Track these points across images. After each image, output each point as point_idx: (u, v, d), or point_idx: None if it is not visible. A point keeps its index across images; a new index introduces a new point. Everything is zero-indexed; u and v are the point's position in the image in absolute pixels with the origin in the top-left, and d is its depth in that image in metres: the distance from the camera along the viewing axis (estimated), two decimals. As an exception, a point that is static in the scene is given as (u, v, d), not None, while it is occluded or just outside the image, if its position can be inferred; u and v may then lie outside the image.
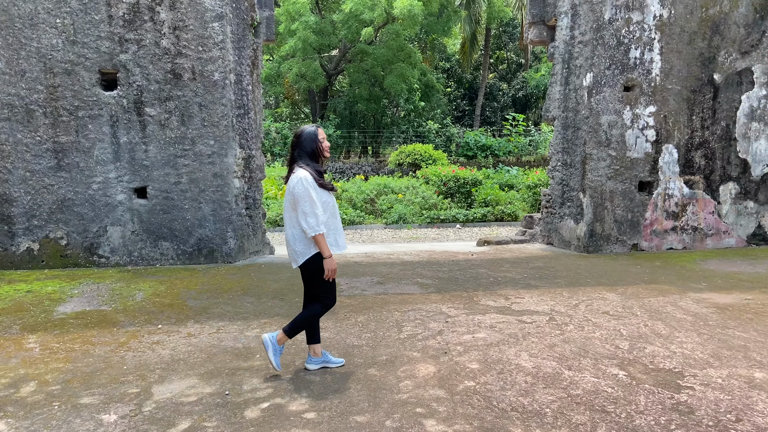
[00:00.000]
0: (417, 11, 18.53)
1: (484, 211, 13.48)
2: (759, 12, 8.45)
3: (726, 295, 6.08)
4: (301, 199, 3.68)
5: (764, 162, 8.77)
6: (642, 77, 8.34)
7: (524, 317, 5.36)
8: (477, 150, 22.11)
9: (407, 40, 22.38)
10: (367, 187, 13.95)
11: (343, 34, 20.93)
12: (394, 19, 19.94)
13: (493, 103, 32.06)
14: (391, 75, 20.72)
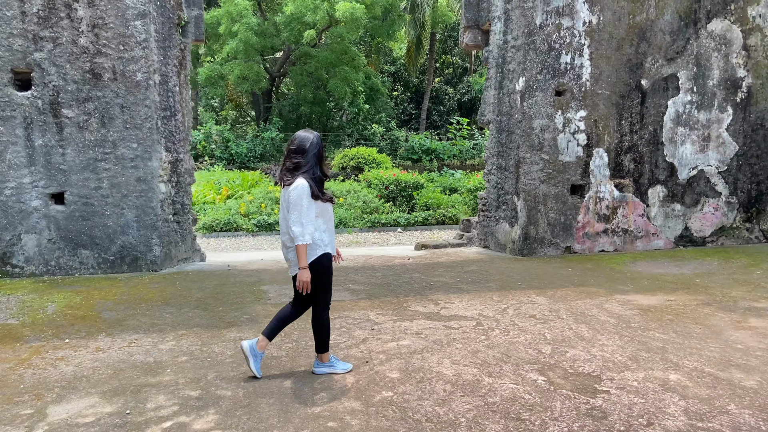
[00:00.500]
0: (359, 14, 18.45)
1: (426, 214, 13.48)
2: (683, 20, 8.73)
3: (650, 297, 6.20)
4: (294, 205, 3.73)
5: (690, 166, 9.06)
6: (573, 82, 8.47)
7: (452, 323, 5.30)
8: (422, 153, 22.19)
9: (351, 44, 22.27)
10: (307, 191, 13.71)
11: (285, 37, 20.64)
12: (337, 22, 19.81)
13: (440, 107, 32.33)
14: (335, 78, 20.56)
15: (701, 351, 4.49)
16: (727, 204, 9.24)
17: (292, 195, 3.74)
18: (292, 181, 3.79)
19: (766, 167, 9.32)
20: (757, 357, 4.36)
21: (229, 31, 20.52)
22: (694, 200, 9.12)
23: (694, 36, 8.79)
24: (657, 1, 8.59)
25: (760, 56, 9.08)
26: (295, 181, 3.79)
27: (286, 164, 3.88)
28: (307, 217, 3.76)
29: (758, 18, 9.00)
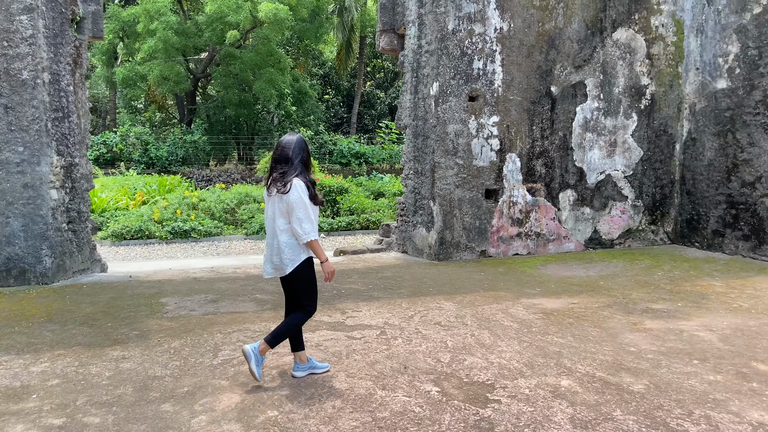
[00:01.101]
0: (283, 15, 18.12)
1: (350, 219, 13.33)
2: (590, 28, 8.99)
3: (555, 300, 6.28)
4: (296, 205, 3.71)
5: (598, 170, 9.33)
6: (486, 88, 8.54)
7: (355, 333, 5.15)
8: (351, 157, 22.06)
9: (278, 45, 21.87)
10: (227, 196, 13.28)
11: (207, 37, 20.00)
12: (261, 23, 19.38)
13: (371, 110, 32.33)
14: (261, 80, 20.10)
15: (595, 355, 4.54)
16: (634, 207, 9.59)
17: (293, 196, 3.72)
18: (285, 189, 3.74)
19: (668, 172, 9.74)
20: (648, 360, 4.44)
21: (148, 29, 19.68)
22: (602, 204, 9.40)
23: (600, 44, 9.07)
24: (565, 10, 8.81)
25: (662, 65, 9.47)
26: (289, 184, 3.75)
27: (273, 174, 3.86)
28: (313, 214, 3.80)
29: (661, 27, 9.39)
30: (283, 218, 3.83)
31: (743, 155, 8.56)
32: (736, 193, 8.70)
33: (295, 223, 3.75)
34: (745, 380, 4.00)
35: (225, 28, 19.09)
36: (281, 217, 3.83)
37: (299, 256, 3.87)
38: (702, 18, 9.21)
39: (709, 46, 9.10)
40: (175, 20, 19.70)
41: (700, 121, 9.30)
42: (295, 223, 3.75)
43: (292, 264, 3.86)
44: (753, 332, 5.07)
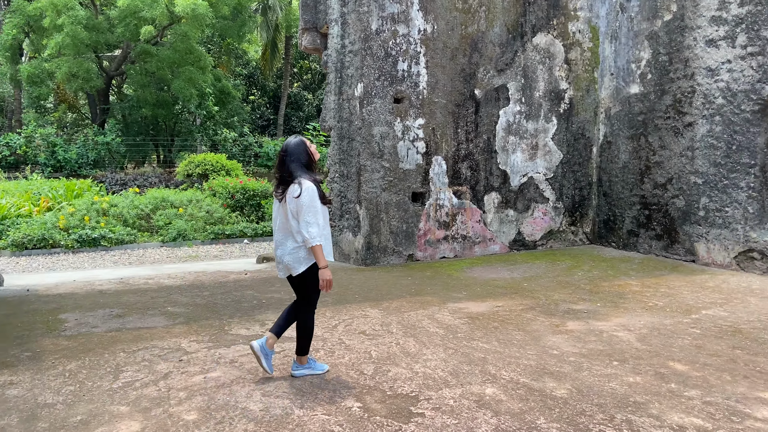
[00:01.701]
0: (202, 11, 17.41)
1: (275, 224, 12.92)
2: (511, 33, 9.09)
3: (480, 304, 6.23)
4: (306, 208, 3.79)
5: (521, 173, 9.45)
6: (410, 90, 8.45)
7: (274, 346, 4.85)
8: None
9: (198, 43, 21.02)
10: (141, 201, 12.54)
11: (120, 32, 18.93)
12: (179, 19, 18.56)
13: (299, 112, 31.82)
14: (180, 79, 19.23)
15: (519, 360, 4.48)
16: (555, 209, 9.79)
17: (305, 199, 3.79)
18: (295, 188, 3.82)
19: (587, 174, 10.02)
20: (570, 363, 4.42)
21: (55, 24, 18.39)
22: (525, 206, 9.54)
23: (521, 49, 9.20)
24: (487, 14, 8.87)
25: (580, 70, 9.73)
26: (300, 183, 3.83)
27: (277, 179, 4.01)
28: (322, 219, 3.90)
29: (578, 33, 9.64)
30: (295, 220, 3.89)
31: (655, 158, 8.90)
32: (649, 194, 9.04)
33: (302, 226, 3.84)
34: (663, 381, 4.05)
35: (139, 23, 18.12)
36: (294, 219, 3.90)
37: (304, 262, 3.95)
38: (616, 24, 9.53)
39: (622, 52, 9.42)
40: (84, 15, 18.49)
41: (615, 125, 9.62)
42: (302, 227, 3.84)
43: (307, 263, 3.94)
44: (669, 331, 5.19)
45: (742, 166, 7.72)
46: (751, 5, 7.50)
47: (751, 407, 3.60)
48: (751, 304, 6.07)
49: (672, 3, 8.54)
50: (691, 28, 8.27)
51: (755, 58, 7.48)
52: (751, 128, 7.61)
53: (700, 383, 4.00)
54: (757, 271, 7.53)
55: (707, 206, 8.12)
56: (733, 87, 7.75)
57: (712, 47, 7.99)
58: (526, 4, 9.15)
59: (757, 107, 7.52)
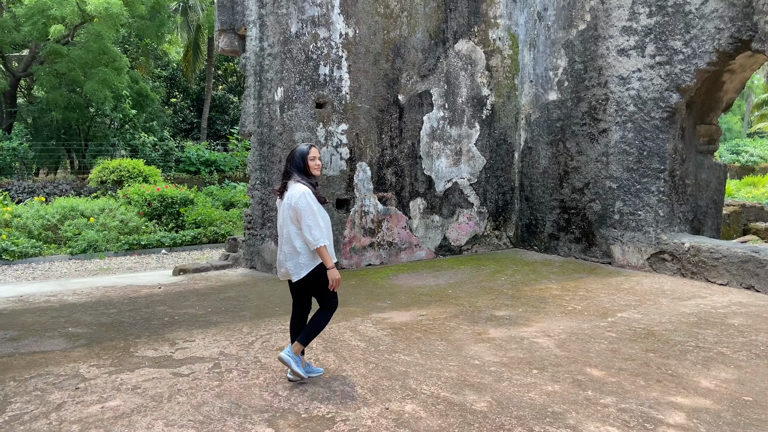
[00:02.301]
0: (116, 10, 16.50)
1: (196, 233, 12.36)
2: (433, 39, 9.09)
3: (405, 313, 6.12)
4: (305, 213, 3.87)
5: (446, 178, 9.47)
6: (333, 95, 8.27)
7: (183, 368, 4.54)
8: (200, 165, 20.77)
9: (113, 43, 19.95)
10: (48, 210, 11.67)
11: (27, 31, 17.65)
12: (91, 18, 17.52)
13: (224, 115, 30.88)
14: (93, 81, 18.14)
15: (441, 372, 4.39)
16: (479, 214, 9.87)
17: (301, 203, 3.88)
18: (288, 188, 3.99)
19: (509, 179, 10.17)
20: (490, 373, 4.37)
21: (-49, 19, 16.91)
22: (450, 211, 9.56)
23: (443, 55, 9.22)
24: (409, 19, 8.82)
25: (501, 76, 9.87)
26: (292, 187, 3.97)
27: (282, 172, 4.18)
28: (321, 219, 3.94)
29: (498, 41, 9.78)
30: (294, 224, 3.98)
31: (573, 163, 9.15)
32: (568, 198, 9.27)
33: (305, 230, 3.90)
34: (580, 388, 4.05)
35: (48, 21, 16.94)
36: (292, 224, 3.98)
37: (314, 260, 4.00)
38: (534, 33, 9.74)
39: (541, 60, 9.64)
40: (-14, 10, 17.12)
41: (535, 131, 9.82)
42: (305, 231, 3.90)
43: (306, 269, 3.99)
44: (586, 335, 5.26)
45: (652, 171, 8.03)
46: (659, 16, 7.82)
47: (663, 413, 3.65)
48: (663, 305, 6.28)
49: (586, 13, 8.80)
50: (603, 38, 8.55)
51: (663, 68, 7.81)
52: (660, 135, 7.93)
53: (615, 389, 4.03)
54: (668, 272, 7.85)
55: (621, 210, 8.41)
56: (644, 95, 8.06)
57: (623, 56, 8.29)
58: (448, 10, 9.18)
59: (666, 114, 7.85)
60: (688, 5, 7.46)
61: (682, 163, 8.16)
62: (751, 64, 7.90)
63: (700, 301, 6.42)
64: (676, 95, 7.71)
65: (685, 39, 7.53)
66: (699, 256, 7.42)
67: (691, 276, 7.55)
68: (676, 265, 7.75)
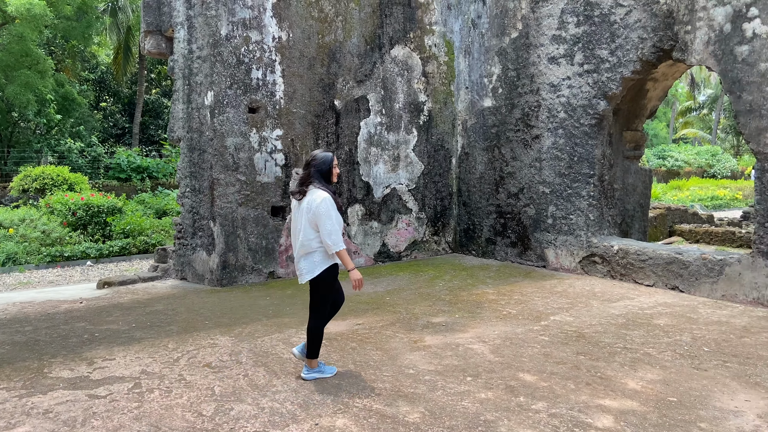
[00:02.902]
0: (39, 11, 15.64)
1: (124, 243, 11.81)
2: (369, 44, 9.04)
3: (341, 322, 5.99)
4: (324, 218, 4.01)
5: (384, 184, 9.42)
6: (267, 99, 8.07)
7: (101, 389, 4.25)
8: (132, 172, 19.95)
9: (37, 45, 18.91)
10: (-40, 222, 10.89)
11: (-60, 30, 16.54)
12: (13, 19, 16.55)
13: (157, 120, 29.88)
14: (15, 84, 17.12)
15: (375, 383, 4.29)
16: (418, 219, 9.87)
17: (321, 208, 4.02)
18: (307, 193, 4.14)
19: (447, 185, 10.23)
20: (425, 382, 4.30)
21: None
22: (389, 217, 9.51)
23: (380, 60, 9.18)
24: (344, 24, 8.74)
25: (437, 83, 9.93)
26: (312, 192, 4.11)
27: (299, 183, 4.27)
28: (337, 224, 4.11)
29: (434, 47, 9.83)
30: (310, 228, 4.13)
31: (508, 168, 9.29)
32: (504, 203, 9.41)
33: (324, 235, 4.06)
34: (513, 395, 4.05)
35: (-36, 21, 15.92)
36: (310, 227, 4.13)
37: (326, 262, 4.17)
38: (469, 40, 9.85)
39: (476, 67, 9.75)
40: None
41: (472, 137, 9.92)
42: (324, 236, 4.06)
43: (320, 267, 4.17)
44: (520, 340, 5.29)
45: (583, 176, 8.24)
46: (586, 26, 8.05)
47: (592, 416, 3.68)
48: (593, 307, 6.42)
49: (518, 21, 8.97)
50: (535, 46, 8.73)
51: (591, 75, 8.03)
52: (589, 141, 8.15)
53: (546, 394, 4.05)
54: (599, 274, 8.06)
55: (554, 214, 8.58)
56: (573, 102, 8.26)
57: (553, 64, 8.48)
58: (383, 16, 9.15)
59: (594, 121, 8.07)
60: (613, 15, 7.71)
61: (611, 168, 8.42)
62: (673, 72, 8.25)
63: (628, 303, 6.61)
64: (603, 102, 7.94)
65: (611, 48, 7.78)
66: (627, 258, 7.66)
67: (620, 278, 7.78)
68: (606, 268, 7.96)
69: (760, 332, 5.43)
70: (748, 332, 5.44)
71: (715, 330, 5.52)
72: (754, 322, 5.79)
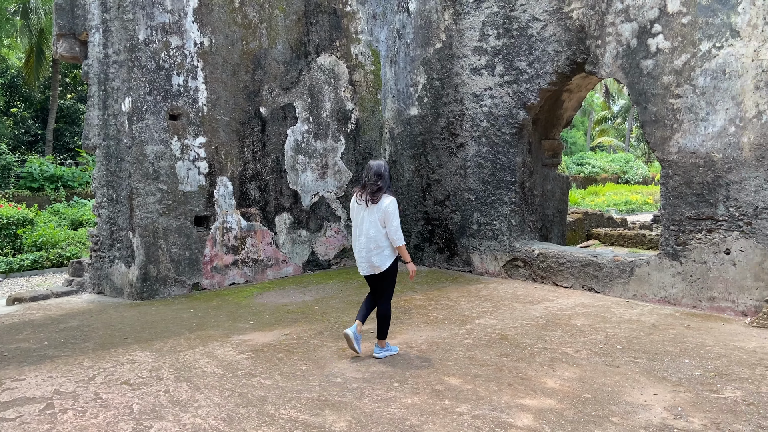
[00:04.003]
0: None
1: (36, 256, 11.12)
2: (295, 51, 8.99)
3: (267, 333, 5.90)
4: (393, 217, 4.80)
5: (312, 192, 9.37)
6: (189, 106, 7.86)
7: (9, 411, 3.99)
8: (44, 181, 18.85)
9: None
10: None
11: None
12: None
13: (73, 127, 28.40)
14: None
15: (301, 393, 4.25)
16: (347, 227, 9.88)
17: (390, 209, 4.79)
18: (379, 198, 4.81)
19: (375, 192, 10.29)
20: (352, 390, 4.30)
21: None
22: (318, 225, 9.47)
23: (306, 68, 9.15)
24: (268, 30, 8.65)
25: (364, 91, 10.00)
26: (384, 197, 4.84)
27: (367, 189, 4.88)
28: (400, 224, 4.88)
29: (360, 56, 9.91)
30: (381, 226, 4.84)
31: (434, 176, 9.47)
32: (431, 210, 9.58)
33: (392, 231, 4.81)
34: (438, 398, 4.12)
35: None
36: (381, 226, 4.84)
37: (388, 259, 4.89)
38: (395, 50, 10.00)
39: (402, 76, 9.91)
40: None
41: (399, 145, 10.06)
42: (392, 232, 4.81)
43: (389, 260, 4.90)
44: (446, 344, 5.39)
45: (505, 183, 8.53)
46: (505, 38, 8.35)
47: (513, 416, 3.80)
48: (516, 310, 6.64)
49: (441, 32, 9.19)
50: (458, 57, 8.98)
51: (511, 86, 8.34)
52: (510, 149, 8.45)
53: (470, 396, 4.14)
54: (521, 277, 8.35)
55: (479, 220, 8.83)
56: (495, 112, 8.55)
57: (476, 75, 8.75)
58: (309, 23, 9.14)
59: (515, 130, 8.38)
60: (530, 29, 8.05)
61: (531, 175, 8.76)
62: (586, 84, 8.70)
63: (548, 304, 6.88)
64: (522, 112, 8.26)
65: (528, 60, 8.11)
66: (547, 262, 7.98)
67: (541, 280, 8.09)
68: (528, 271, 8.26)
69: (667, 329, 5.80)
70: (657, 329, 5.79)
71: (627, 328, 5.85)
72: (661, 319, 6.18)
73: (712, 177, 6.43)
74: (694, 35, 6.50)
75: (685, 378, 4.46)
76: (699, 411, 3.87)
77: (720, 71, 6.33)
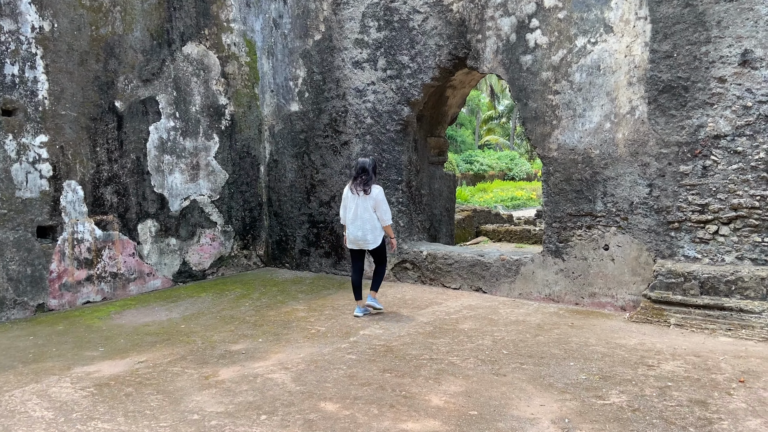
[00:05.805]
0: None
1: None
2: (156, 39, 8.06)
3: (119, 362, 5.08)
4: (383, 202, 6.19)
5: (182, 196, 8.48)
6: (26, 99, 6.74)
7: None
8: None
9: None
10: None
11: None
12: None
13: None
14: None
15: (146, 440, 3.55)
16: (224, 233, 9.09)
17: (379, 196, 6.17)
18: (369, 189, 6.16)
19: (256, 194, 9.58)
20: (210, 429, 3.67)
21: None
22: (190, 232, 8.60)
23: (170, 58, 8.24)
24: (123, 15, 7.67)
25: (239, 85, 9.24)
26: (373, 187, 6.18)
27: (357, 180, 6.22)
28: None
29: (233, 46, 9.13)
30: (372, 211, 6.17)
31: (319, 176, 8.93)
32: (316, 212, 9.03)
33: (382, 213, 6.19)
34: (311, 430, 3.59)
35: None
36: (371, 210, 6.17)
37: (380, 236, 6.27)
38: (272, 41, 9.33)
39: (280, 69, 9.26)
40: None
41: (280, 143, 9.41)
42: (382, 214, 6.19)
43: (380, 238, 6.27)
44: (326, 362, 4.88)
45: (392, 182, 8.16)
46: (386, 31, 7.98)
47: (392, 447, 3.36)
48: (403, 317, 6.26)
49: (320, 23, 8.66)
50: (339, 49, 8.49)
51: (394, 81, 7.98)
52: (396, 147, 8.10)
53: (347, 425, 3.66)
54: (411, 280, 8.03)
55: (365, 221, 8.39)
56: (379, 108, 8.16)
57: (358, 69, 8.31)
58: (171, 9, 8.23)
59: (399, 127, 8.04)
60: (411, 21, 7.73)
61: (417, 174, 8.47)
62: (469, 80, 8.54)
63: (437, 308, 6.58)
64: (407, 109, 7.93)
65: (411, 54, 7.79)
66: (435, 263, 7.71)
67: (430, 282, 7.81)
68: (416, 273, 7.96)
69: (552, 329, 5.66)
70: (542, 330, 5.64)
71: (513, 330, 5.65)
72: (546, 318, 6.06)
73: (590, 173, 6.43)
74: (570, 30, 6.46)
75: (570, 383, 4.26)
76: (586, 421, 3.64)
77: (595, 67, 6.32)
